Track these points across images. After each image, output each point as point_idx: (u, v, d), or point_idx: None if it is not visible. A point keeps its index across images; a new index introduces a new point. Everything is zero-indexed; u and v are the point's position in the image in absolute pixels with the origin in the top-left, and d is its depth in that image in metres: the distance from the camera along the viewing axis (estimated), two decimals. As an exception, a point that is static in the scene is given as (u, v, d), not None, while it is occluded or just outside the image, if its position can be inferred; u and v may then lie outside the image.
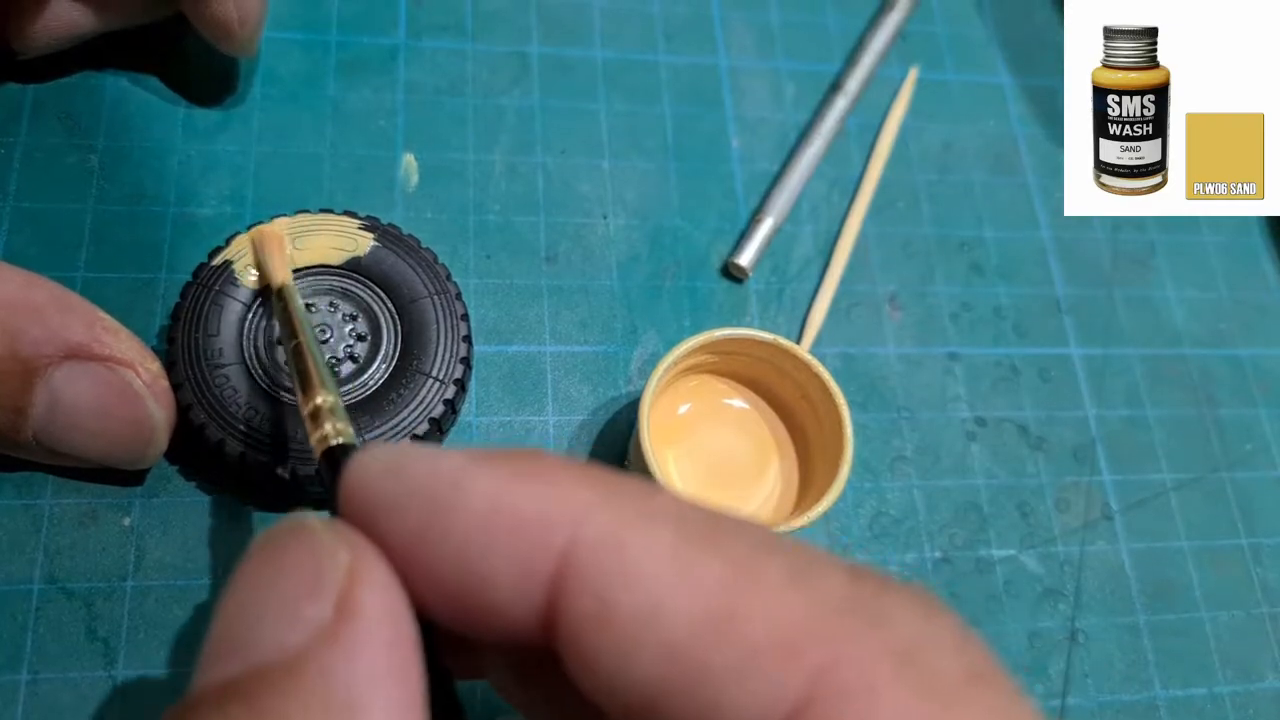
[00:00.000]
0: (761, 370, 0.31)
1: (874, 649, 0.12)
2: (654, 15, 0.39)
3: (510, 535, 0.14)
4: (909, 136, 0.39)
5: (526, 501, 0.14)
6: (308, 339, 0.24)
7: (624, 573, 0.13)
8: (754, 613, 0.13)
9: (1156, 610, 0.33)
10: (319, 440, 0.20)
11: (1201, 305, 0.39)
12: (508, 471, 0.14)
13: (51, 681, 0.26)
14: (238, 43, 0.31)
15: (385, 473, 0.15)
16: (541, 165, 0.35)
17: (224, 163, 0.33)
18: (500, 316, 0.33)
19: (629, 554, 0.13)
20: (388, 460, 0.15)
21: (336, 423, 0.21)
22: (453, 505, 0.14)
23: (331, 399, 0.21)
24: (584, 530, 0.14)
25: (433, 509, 0.14)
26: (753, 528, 0.14)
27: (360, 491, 0.15)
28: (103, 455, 0.26)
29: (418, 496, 0.14)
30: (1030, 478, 0.34)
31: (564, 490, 0.14)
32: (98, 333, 0.25)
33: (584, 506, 0.14)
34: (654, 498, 0.14)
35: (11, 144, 0.32)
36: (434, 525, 0.14)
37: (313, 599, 0.14)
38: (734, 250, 0.35)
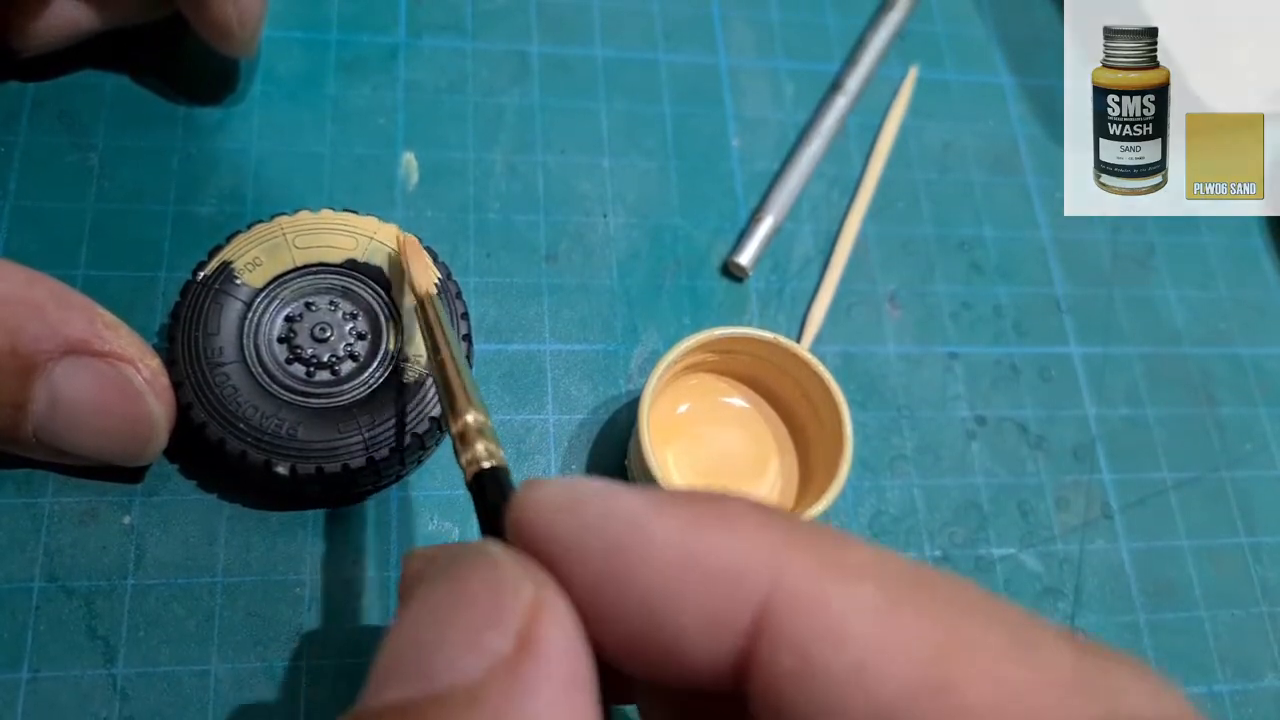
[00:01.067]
0: (761, 369, 0.31)
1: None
2: (654, 14, 0.39)
3: (703, 586, 0.13)
4: (909, 136, 0.39)
5: (718, 551, 0.14)
6: (454, 352, 0.23)
7: (829, 631, 0.13)
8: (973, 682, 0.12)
9: (1156, 609, 0.33)
10: (470, 461, 0.20)
11: (1201, 305, 0.39)
12: (692, 516, 0.14)
13: (52, 680, 0.26)
14: (237, 43, 0.31)
15: (562, 509, 0.14)
16: (541, 164, 0.35)
17: (224, 161, 0.33)
18: (500, 315, 0.33)
19: (833, 611, 0.13)
20: (563, 496, 0.15)
21: (488, 444, 0.20)
22: (637, 551, 0.14)
23: (482, 418, 0.21)
24: (782, 583, 0.13)
25: (616, 553, 0.14)
26: (963, 586, 0.14)
27: (535, 527, 0.15)
28: (102, 452, 0.26)
29: (598, 538, 0.14)
30: (1030, 476, 0.34)
31: (756, 539, 0.14)
32: (98, 329, 0.25)
33: (778, 557, 0.13)
34: (850, 548, 0.14)
35: (11, 143, 0.32)
36: (617, 570, 0.14)
37: (495, 629, 0.13)
38: (734, 249, 0.35)
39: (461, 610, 0.14)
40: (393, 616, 0.14)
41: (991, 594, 0.14)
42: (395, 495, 0.30)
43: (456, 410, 0.21)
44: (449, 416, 0.21)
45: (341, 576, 0.28)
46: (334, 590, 0.28)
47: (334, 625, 0.28)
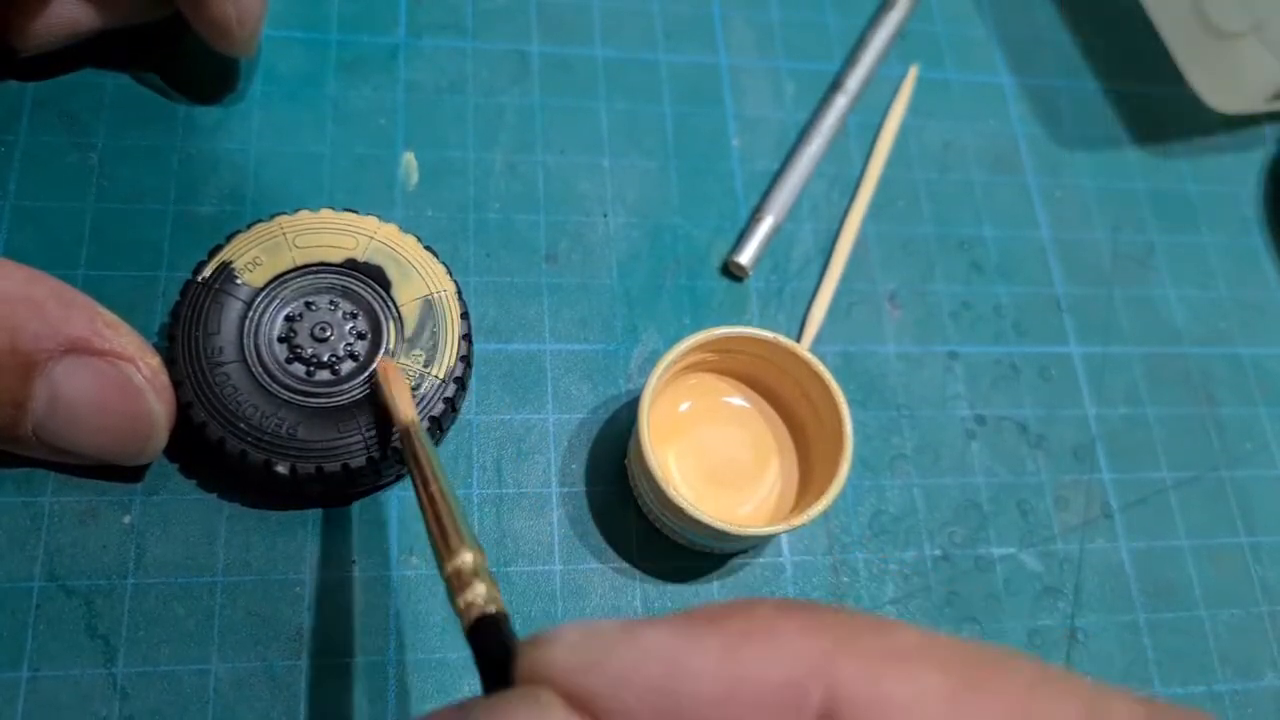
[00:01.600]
0: (761, 368, 0.31)
1: None
2: (654, 14, 0.39)
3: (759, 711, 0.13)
4: (909, 135, 0.39)
5: (764, 669, 0.13)
6: (443, 485, 0.22)
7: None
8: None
9: (1156, 609, 0.33)
10: (467, 606, 0.18)
11: (1201, 304, 0.39)
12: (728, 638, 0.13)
13: (52, 679, 0.26)
14: (237, 43, 0.31)
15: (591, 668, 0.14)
16: (542, 164, 0.35)
17: (224, 161, 0.33)
18: (500, 315, 0.33)
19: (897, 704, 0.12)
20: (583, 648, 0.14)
21: (488, 585, 0.19)
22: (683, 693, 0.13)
23: (479, 557, 0.19)
24: (839, 686, 0.13)
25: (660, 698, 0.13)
26: (1021, 661, 0.13)
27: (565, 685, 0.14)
28: (102, 451, 0.26)
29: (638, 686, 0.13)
30: (1030, 476, 0.34)
31: (799, 646, 0.13)
32: (98, 327, 0.24)
33: (827, 659, 0.13)
34: (897, 633, 0.13)
35: (12, 142, 0.32)
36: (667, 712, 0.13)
37: None
38: (734, 249, 0.35)
39: None
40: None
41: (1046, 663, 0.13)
42: (395, 495, 0.30)
43: (450, 550, 0.20)
44: (441, 557, 0.20)
45: (341, 576, 0.28)
46: (334, 590, 0.28)
47: (334, 624, 0.28)
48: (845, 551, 0.32)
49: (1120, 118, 0.42)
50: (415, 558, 0.29)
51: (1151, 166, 0.41)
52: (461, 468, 0.30)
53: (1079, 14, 0.44)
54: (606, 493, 0.31)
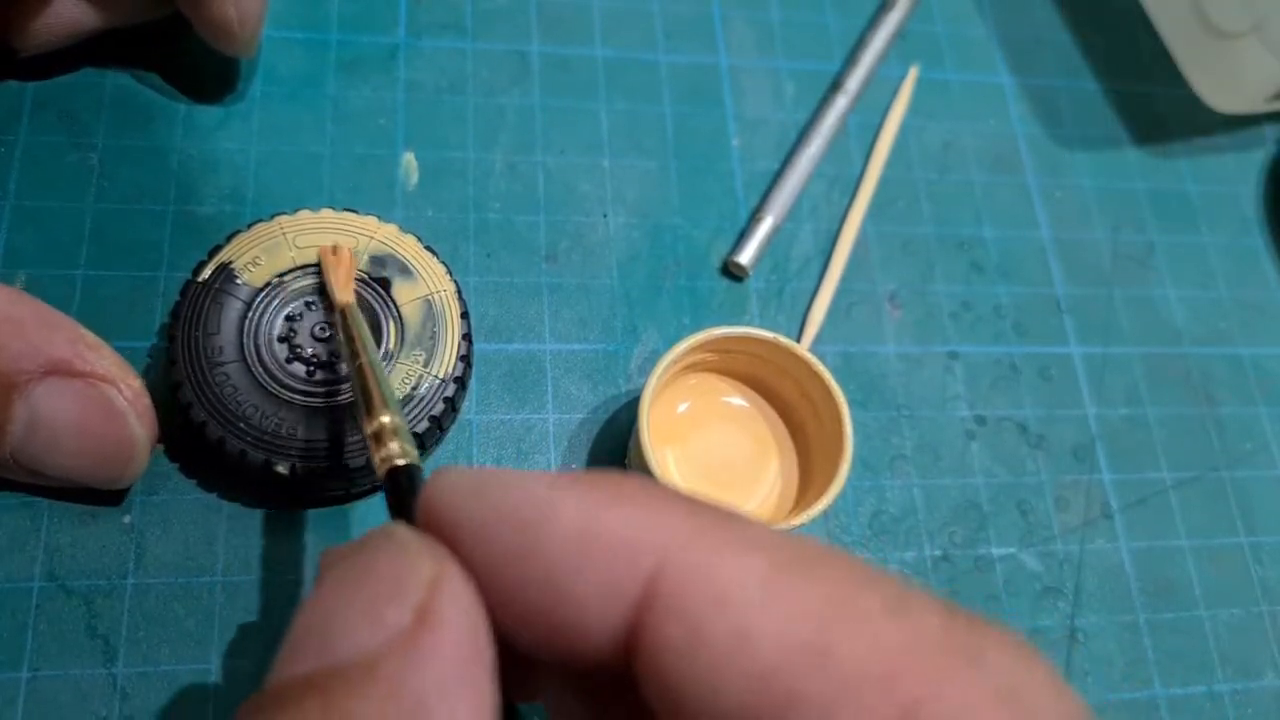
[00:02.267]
0: (761, 368, 0.31)
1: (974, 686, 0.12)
2: (654, 14, 0.39)
3: (600, 558, 0.14)
4: (909, 136, 0.39)
5: (617, 525, 0.14)
6: (370, 358, 0.24)
7: (715, 599, 0.13)
8: (850, 643, 0.13)
9: (1156, 609, 0.33)
10: (383, 459, 0.20)
11: (1201, 305, 0.39)
12: (596, 495, 0.14)
13: (51, 679, 0.26)
14: (238, 43, 0.31)
15: (470, 494, 0.15)
16: (541, 164, 0.35)
17: (224, 161, 0.33)
18: (500, 315, 0.33)
19: (720, 580, 0.13)
20: (471, 482, 0.15)
21: (401, 443, 0.21)
22: (541, 527, 0.14)
23: (396, 419, 0.21)
24: (674, 555, 0.14)
25: (522, 531, 0.14)
26: (846, 558, 0.14)
27: (444, 513, 0.15)
28: (82, 474, 0.25)
29: (506, 519, 0.15)
30: (1030, 476, 0.34)
31: (654, 514, 0.14)
32: (80, 349, 0.24)
33: (674, 531, 0.14)
34: (744, 525, 0.14)
35: (12, 142, 0.32)
36: (523, 547, 0.14)
37: (394, 604, 0.14)
38: (734, 249, 0.35)
39: (363, 587, 0.14)
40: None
41: (870, 564, 0.14)
42: (395, 495, 0.30)
43: (372, 412, 0.22)
44: (363, 419, 0.22)
45: (341, 576, 0.28)
46: (334, 590, 0.28)
47: (334, 625, 0.28)
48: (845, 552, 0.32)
49: (1120, 118, 0.42)
50: (415, 558, 0.29)
51: (1151, 166, 0.41)
52: (461, 468, 0.30)
53: (1079, 14, 0.44)
54: (606, 493, 0.31)
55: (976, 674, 0.12)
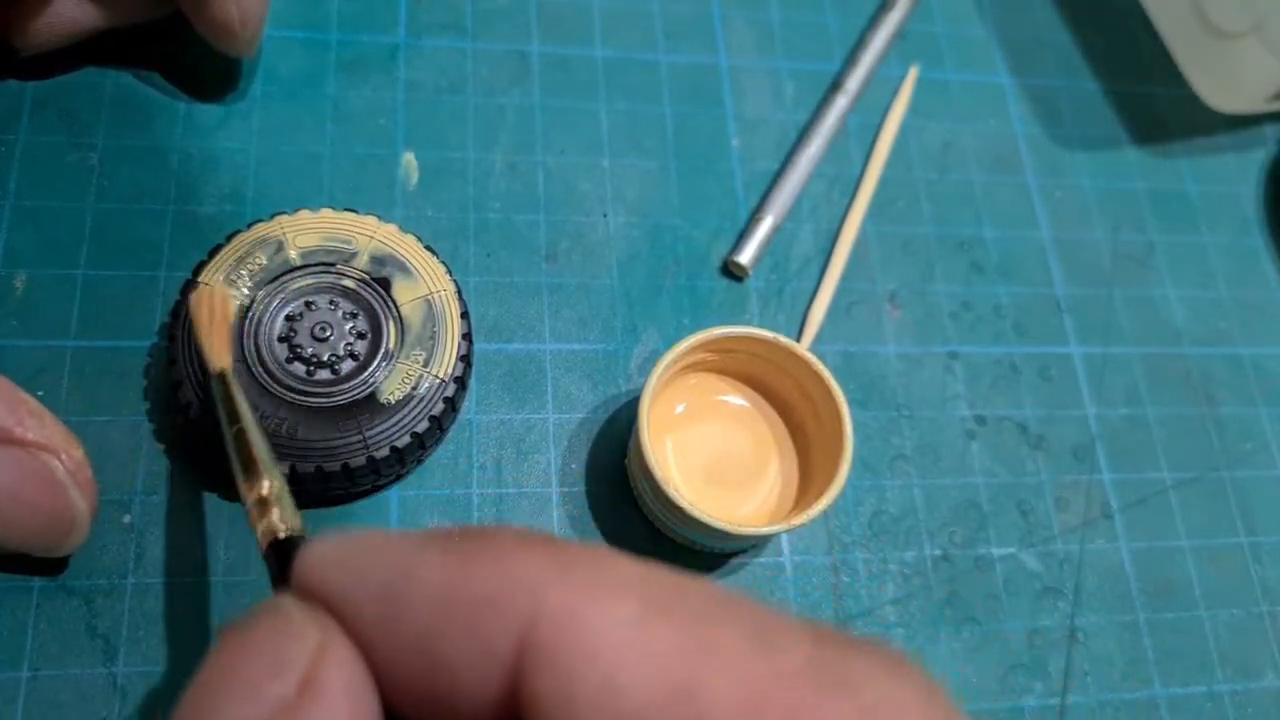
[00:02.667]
0: (761, 368, 0.31)
1: (840, 711, 0.12)
2: (654, 14, 0.39)
3: (466, 617, 0.14)
4: (909, 136, 0.39)
5: (479, 583, 0.14)
6: (249, 424, 0.23)
7: (583, 648, 0.13)
8: (715, 683, 0.12)
9: (1156, 608, 0.33)
10: (266, 531, 0.20)
11: (1201, 305, 0.39)
12: (459, 552, 0.14)
13: (52, 678, 0.26)
14: (239, 43, 0.31)
15: (337, 562, 0.15)
16: (541, 164, 0.35)
17: (224, 161, 0.33)
18: (500, 314, 0.33)
19: (587, 628, 0.13)
20: (339, 550, 0.15)
21: (284, 511, 0.20)
22: (406, 590, 0.14)
23: (277, 485, 0.21)
24: (542, 606, 0.13)
25: (387, 595, 0.14)
26: (709, 590, 0.14)
27: (313, 583, 0.15)
28: (19, 543, 0.24)
29: (370, 584, 0.14)
30: (1030, 476, 0.34)
31: (516, 567, 0.14)
32: (21, 416, 0.23)
33: (539, 582, 0.14)
34: (610, 566, 0.14)
35: (12, 142, 0.32)
36: (390, 611, 0.14)
37: (277, 677, 0.14)
38: (734, 248, 0.35)
39: (247, 660, 0.14)
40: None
41: (737, 595, 0.14)
42: (395, 495, 0.30)
43: (253, 479, 0.21)
44: (243, 487, 0.21)
45: (341, 576, 0.28)
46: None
47: (334, 624, 0.28)
48: (845, 551, 0.32)
49: (1120, 118, 0.42)
50: (415, 557, 0.29)
51: (1151, 166, 0.41)
52: (461, 468, 0.30)
53: (1079, 14, 0.44)
54: (606, 493, 0.31)
55: (842, 701, 0.12)
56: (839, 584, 0.31)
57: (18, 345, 0.29)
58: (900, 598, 0.32)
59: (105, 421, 0.29)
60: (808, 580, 0.31)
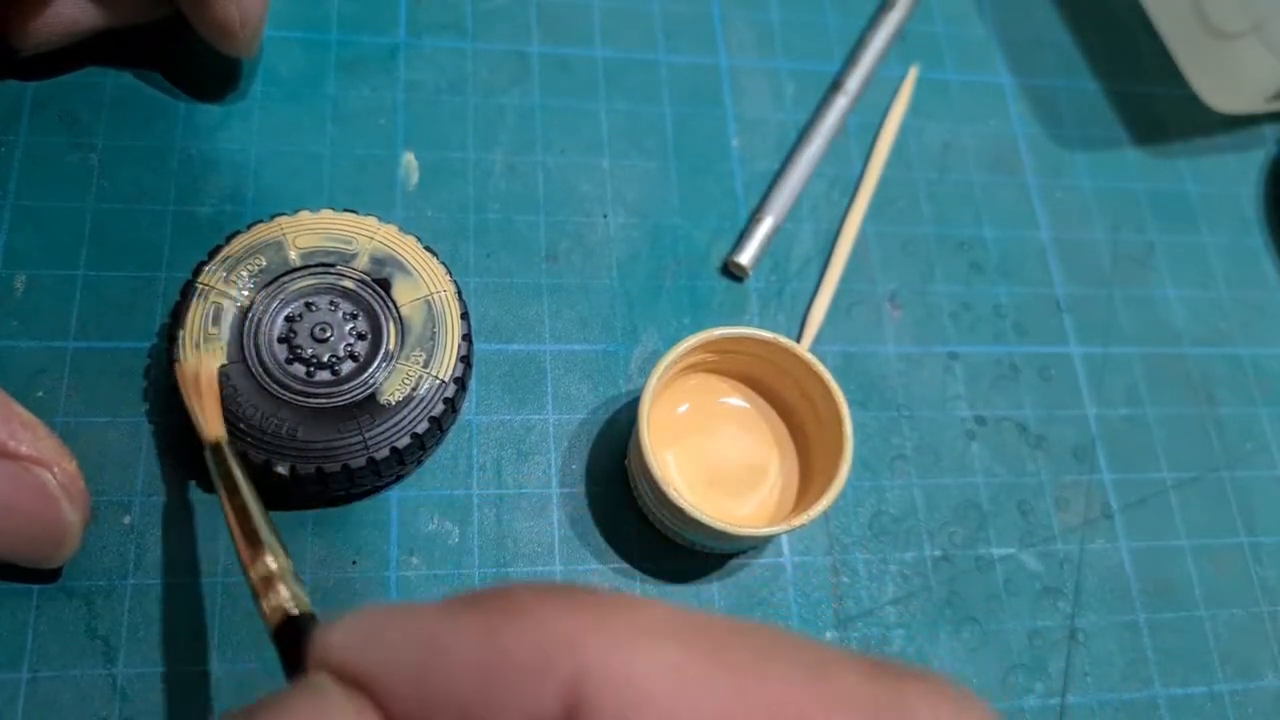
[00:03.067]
0: (761, 369, 0.31)
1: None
2: (654, 14, 0.39)
3: (508, 686, 0.13)
4: (909, 136, 0.39)
5: (516, 648, 0.14)
6: (249, 497, 0.23)
7: (637, 699, 0.13)
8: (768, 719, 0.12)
9: (1156, 609, 0.33)
10: (274, 609, 0.19)
11: (1201, 305, 0.39)
12: (487, 615, 0.14)
13: (52, 679, 0.26)
14: (239, 44, 0.31)
15: (364, 642, 0.15)
16: (541, 164, 0.35)
17: (224, 161, 0.33)
18: (500, 315, 0.33)
19: (637, 678, 0.13)
20: (363, 628, 0.15)
21: (291, 588, 0.20)
22: (442, 663, 0.14)
23: (283, 562, 0.20)
24: (587, 661, 0.13)
25: (422, 671, 0.14)
26: (756, 630, 0.14)
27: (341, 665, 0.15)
28: (9, 555, 0.24)
29: (404, 660, 0.14)
30: (1030, 476, 0.34)
31: (551, 626, 0.14)
32: (14, 428, 0.23)
33: (576, 638, 0.14)
34: (645, 611, 0.14)
35: (12, 142, 0.32)
36: (427, 686, 0.14)
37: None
38: (734, 249, 0.35)
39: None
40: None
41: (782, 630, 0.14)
42: (395, 495, 0.30)
43: (256, 558, 0.21)
44: (246, 564, 0.21)
45: (341, 576, 0.28)
46: (334, 590, 0.28)
47: (334, 625, 0.28)
48: (845, 552, 0.32)
49: (1120, 118, 0.42)
50: (415, 558, 0.29)
51: (1151, 166, 0.41)
52: (461, 468, 0.30)
53: (1079, 14, 0.44)
54: (607, 493, 0.31)
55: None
56: (839, 584, 0.31)
57: (18, 346, 0.29)
58: (900, 598, 0.32)
59: (105, 422, 0.29)
60: (808, 581, 0.31)
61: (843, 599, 0.31)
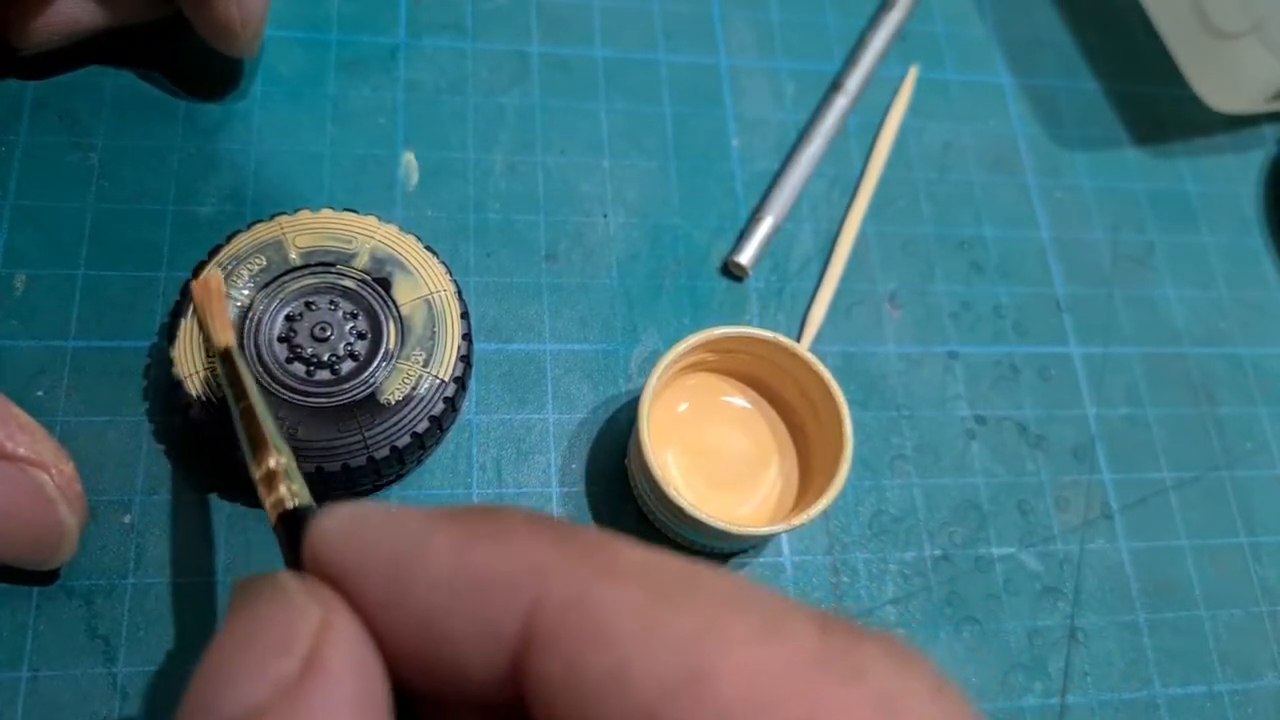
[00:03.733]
0: (761, 368, 0.31)
1: (851, 702, 0.12)
2: (654, 14, 0.39)
3: (473, 597, 0.14)
4: (909, 136, 0.39)
5: (488, 561, 0.14)
6: (256, 400, 0.23)
7: (591, 634, 0.13)
8: (724, 670, 0.12)
9: (1156, 609, 0.33)
10: (274, 504, 0.20)
11: (1201, 304, 0.39)
12: (467, 531, 0.14)
13: (52, 679, 0.26)
14: (239, 43, 0.31)
15: (346, 536, 0.15)
16: (541, 164, 0.35)
17: (224, 161, 0.33)
18: (500, 315, 0.33)
19: (595, 614, 0.13)
20: (348, 523, 0.15)
21: (291, 485, 0.20)
22: (413, 566, 0.14)
23: (285, 460, 0.21)
24: (549, 590, 0.13)
25: (395, 571, 0.14)
26: (721, 579, 0.14)
27: (323, 557, 0.15)
28: (6, 558, 0.24)
29: (380, 558, 0.14)
30: (1030, 476, 0.34)
31: (525, 549, 0.14)
32: (11, 431, 0.24)
33: (547, 564, 0.14)
34: (618, 552, 0.14)
35: (12, 142, 0.32)
36: (397, 587, 0.14)
37: (281, 655, 0.14)
38: (734, 249, 0.35)
39: (252, 640, 0.14)
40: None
41: (744, 581, 0.14)
42: (395, 495, 0.30)
43: (260, 455, 0.21)
44: (251, 462, 0.21)
45: (341, 576, 0.28)
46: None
47: (334, 625, 0.28)
48: (845, 551, 0.32)
49: (1120, 118, 0.42)
50: (415, 558, 0.29)
51: (1151, 166, 0.41)
52: (461, 468, 0.30)
53: (1079, 14, 0.44)
54: (606, 493, 0.31)
55: (854, 688, 0.12)
56: (839, 584, 0.31)
57: (18, 345, 0.29)
58: (900, 598, 0.32)
59: (105, 422, 0.29)
60: (808, 580, 0.31)
61: (843, 598, 0.31)
